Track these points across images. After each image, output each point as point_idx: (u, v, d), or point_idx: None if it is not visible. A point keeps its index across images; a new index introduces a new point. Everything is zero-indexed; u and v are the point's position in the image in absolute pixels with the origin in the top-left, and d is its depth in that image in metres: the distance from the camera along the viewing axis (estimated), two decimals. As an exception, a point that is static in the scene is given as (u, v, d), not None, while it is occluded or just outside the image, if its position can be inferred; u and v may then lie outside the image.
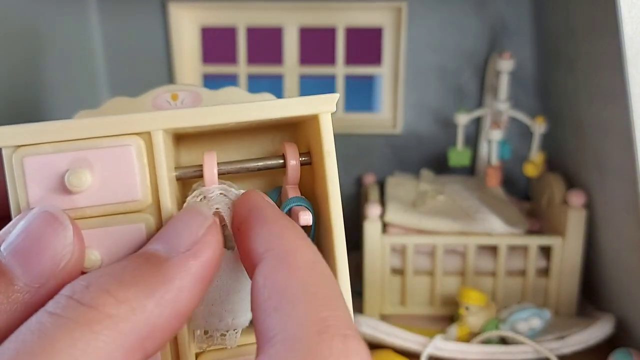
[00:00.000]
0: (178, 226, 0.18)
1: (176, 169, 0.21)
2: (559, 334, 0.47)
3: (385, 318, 0.53)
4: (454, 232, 0.53)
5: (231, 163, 0.21)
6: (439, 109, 0.66)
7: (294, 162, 0.21)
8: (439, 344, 0.46)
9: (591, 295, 0.54)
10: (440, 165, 0.66)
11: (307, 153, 0.22)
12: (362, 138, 0.66)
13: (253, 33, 0.66)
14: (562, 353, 0.46)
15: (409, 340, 0.47)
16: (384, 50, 0.65)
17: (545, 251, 0.53)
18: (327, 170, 0.20)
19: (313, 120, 0.20)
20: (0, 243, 0.17)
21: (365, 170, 0.66)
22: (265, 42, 0.66)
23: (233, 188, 0.20)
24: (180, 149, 0.24)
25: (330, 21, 0.65)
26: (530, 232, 0.54)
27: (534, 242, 0.52)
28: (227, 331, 0.20)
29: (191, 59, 0.66)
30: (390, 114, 0.67)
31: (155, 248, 0.17)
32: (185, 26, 0.65)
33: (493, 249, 0.53)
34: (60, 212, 0.17)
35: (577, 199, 0.51)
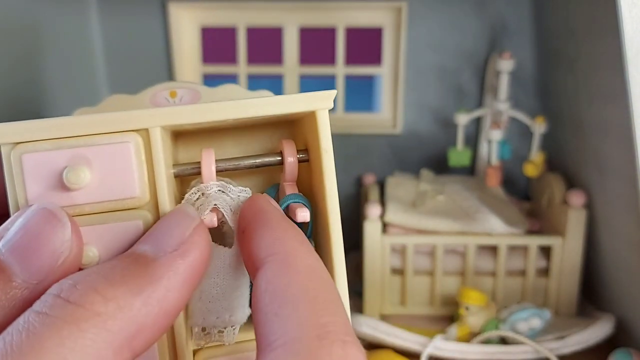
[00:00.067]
0: (165, 227, 0.18)
1: (174, 166, 0.21)
2: (558, 334, 0.47)
3: (385, 318, 0.53)
4: (454, 232, 0.53)
5: (228, 160, 0.21)
6: (439, 109, 0.66)
7: (291, 160, 0.21)
8: (439, 344, 0.46)
9: (591, 295, 0.54)
10: (440, 165, 0.66)
11: (305, 150, 0.22)
12: (362, 138, 0.66)
13: (253, 33, 0.66)
14: (562, 353, 0.46)
15: (409, 340, 0.47)
16: (384, 50, 0.65)
17: (545, 251, 0.53)
18: (325, 168, 0.20)
19: (310, 117, 0.20)
20: None
21: (365, 170, 0.66)
22: (265, 42, 0.66)
23: (231, 185, 0.20)
24: (179, 146, 0.24)
25: (330, 21, 0.65)
26: (530, 232, 0.54)
27: (534, 242, 0.52)
28: (225, 328, 0.20)
29: (191, 59, 0.67)
30: (390, 114, 0.67)
31: (143, 249, 0.17)
32: (185, 26, 0.65)
33: (493, 249, 0.53)
34: (58, 209, 0.17)
35: (577, 199, 0.51)
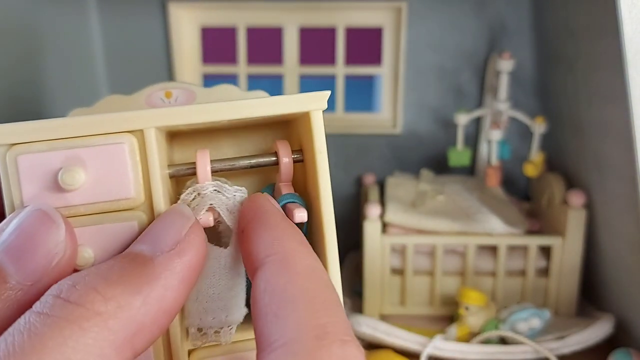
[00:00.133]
0: (161, 227, 0.18)
1: (169, 166, 0.21)
2: (558, 334, 0.47)
3: (385, 318, 0.53)
4: (454, 232, 0.53)
5: (223, 161, 0.21)
6: (438, 109, 0.66)
7: (286, 160, 0.21)
8: (439, 344, 0.46)
9: (591, 295, 0.54)
10: (440, 165, 0.66)
11: (300, 150, 0.22)
12: (362, 138, 0.66)
13: (253, 33, 0.66)
14: (562, 353, 0.46)
15: (409, 340, 0.47)
16: (384, 50, 0.65)
17: (545, 251, 0.53)
18: (319, 168, 0.20)
19: (305, 118, 0.20)
20: None
21: (365, 170, 0.66)
22: (265, 42, 0.66)
23: (227, 185, 0.20)
24: (174, 146, 0.24)
25: (330, 21, 0.65)
26: (530, 232, 0.54)
27: (534, 242, 0.52)
28: (221, 328, 0.20)
29: (191, 59, 0.67)
30: (390, 114, 0.67)
31: (140, 248, 0.17)
32: (185, 26, 0.65)
33: (493, 249, 0.53)
34: (52, 210, 0.17)
35: (577, 199, 0.51)
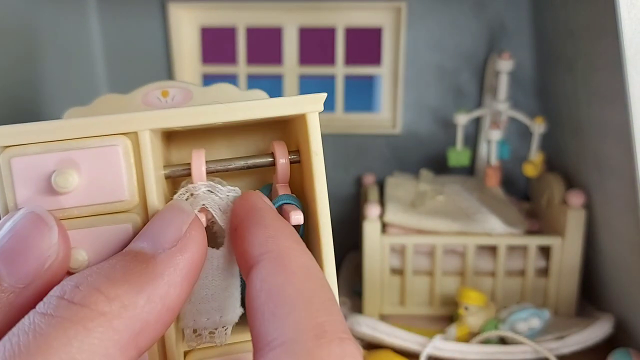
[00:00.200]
0: (161, 223, 0.18)
1: (165, 167, 0.21)
2: (558, 334, 0.47)
3: (385, 318, 0.53)
4: (454, 232, 0.53)
5: (219, 161, 0.21)
6: (438, 109, 0.66)
7: (283, 161, 0.21)
8: (439, 344, 0.46)
9: (591, 295, 0.54)
10: (439, 165, 0.66)
11: (297, 151, 0.22)
12: (362, 138, 0.66)
13: (253, 33, 0.66)
14: (562, 353, 0.46)
15: (409, 340, 0.47)
16: (384, 50, 0.65)
17: (545, 251, 0.53)
18: (315, 171, 0.20)
19: (301, 120, 0.20)
20: None
21: (365, 170, 0.66)
22: (265, 42, 0.66)
23: (220, 185, 0.20)
24: (172, 146, 0.24)
25: (330, 21, 0.65)
26: (530, 232, 0.54)
27: (534, 242, 0.52)
28: (216, 329, 0.20)
29: (191, 59, 0.67)
30: (389, 114, 0.67)
31: (141, 246, 0.17)
32: (185, 26, 0.66)
33: (492, 249, 0.53)
34: (45, 213, 0.17)
35: (577, 199, 0.51)
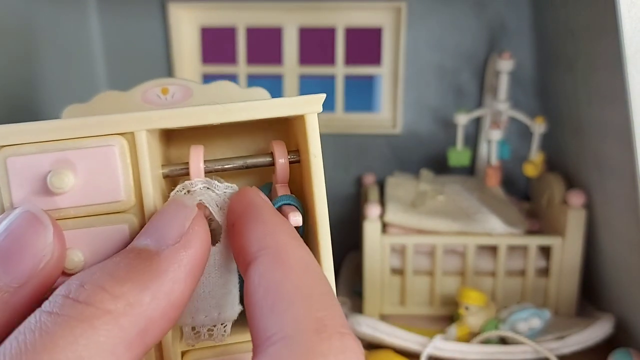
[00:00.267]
0: (164, 220, 0.18)
1: (163, 166, 0.21)
2: (558, 334, 0.47)
3: (385, 318, 0.53)
4: (454, 232, 0.53)
5: (218, 160, 0.21)
6: (438, 108, 0.66)
7: (282, 161, 0.21)
8: (439, 344, 0.46)
9: (591, 295, 0.54)
10: (440, 165, 0.66)
11: (297, 151, 0.21)
12: (362, 138, 0.66)
13: (253, 33, 0.66)
14: (562, 353, 0.46)
15: (409, 340, 0.47)
16: (384, 50, 0.65)
17: (545, 251, 0.53)
18: (314, 172, 0.20)
19: (300, 120, 0.20)
20: None
21: (365, 170, 0.66)
22: (265, 42, 0.66)
23: (217, 181, 0.20)
24: (171, 145, 0.23)
25: (330, 21, 0.65)
26: (530, 232, 0.54)
27: (534, 242, 0.52)
28: (214, 326, 0.20)
29: (191, 59, 0.66)
30: (390, 114, 0.67)
31: (144, 243, 0.17)
32: (185, 26, 0.65)
33: (493, 249, 0.53)
34: (41, 212, 0.17)
35: (577, 199, 0.51)
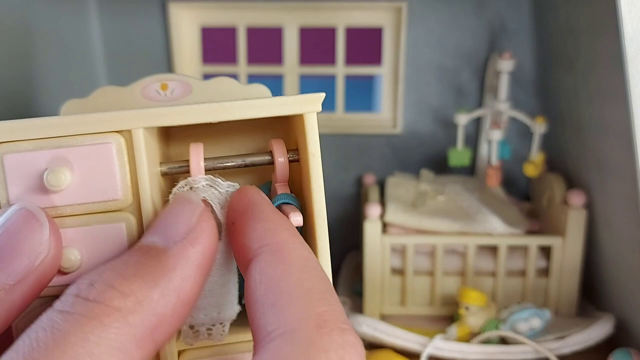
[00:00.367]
0: (170, 216, 0.18)
1: (162, 164, 0.21)
2: (559, 334, 0.47)
3: (385, 318, 0.53)
4: (454, 232, 0.53)
5: (216, 159, 0.21)
6: (439, 108, 0.66)
7: (281, 160, 0.21)
8: (439, 344, 0.46)
9: (591, 295, 0.54)
10: (440, 165, 0.66)
11: (296, 150, 0.21)
12: (362, 138, 0.66)
13: (253, 33, 0.66)
14: (562, 353, 0.46)
15: (409, 340, 0.47)
16: (384, 50, 0.65)
17: (545, 251, 0.53)
18: (312, 172, 0.20)
19: (299, 119, 0.20)
20: None
21: (365, 170, 0.66)
22: (265, 42, 0.66)
23: (220, 179, 0.20)
24: (171, 142, 0.23)
25: (330, 21, 0.65)
26: (530, 232, 0.54)
27: (534, 242, 0.52)
28: (214, 325, 0.20)
29: (191, 59, 0.66)
30: (390, 114, 0.67)
31: (152, 240, 0.17)
32: (185, 26, 0.65)
33: (493, 249, 0.53)
34: (37, 209, 0.17)
35: (577, 199, 0.51)
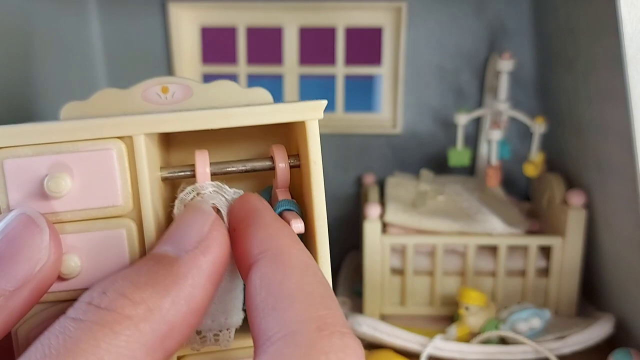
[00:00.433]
0: (182, 226, 0.18)
1: (163, 169, 0.21)
2: (559, 334, 0.47)
3: (385, 318, 0.53)
4: (454, 232, 0.53)
5: (217, 164, 0.21)
6: (438, 109, 0.66)
7: (282, 165, 0.21)
8: (439, 344, 0.46)
9: (591, 295, 0.54)
10: (440, 165, 0.66)
11: (297, 155, 0.21)
12: (362, 138, 0.66)
13: (253, 33, 0.66)
14: (562, 353, 0.46)
15: (409, 340, 0.47)
16: (384, 50, 0.65)
17: (545, 251, 0.53)
18: (313, 179, 0.19)
19: (301, 126, 0.20)
20: None
21: (365, 170, 0.66)
22: (265, 42, 0.66)
23: (226, 186, 0.20)
24: (171, 148, 0.23)
25: (330, 21, 0.65)
26: (530, 232, 0.54)
27: (534, 242, 0.52)
28: (220, 331, 0.20)
29: (191, 59, 0.66)
30: (390, 114, 0.67)
31: (164, 249, 0.17)
32: (185, 26, 0.65)
33: (493, 249, 0.53)
34: (37, 215, 0.17)
35: (577, 199, 0.51)
